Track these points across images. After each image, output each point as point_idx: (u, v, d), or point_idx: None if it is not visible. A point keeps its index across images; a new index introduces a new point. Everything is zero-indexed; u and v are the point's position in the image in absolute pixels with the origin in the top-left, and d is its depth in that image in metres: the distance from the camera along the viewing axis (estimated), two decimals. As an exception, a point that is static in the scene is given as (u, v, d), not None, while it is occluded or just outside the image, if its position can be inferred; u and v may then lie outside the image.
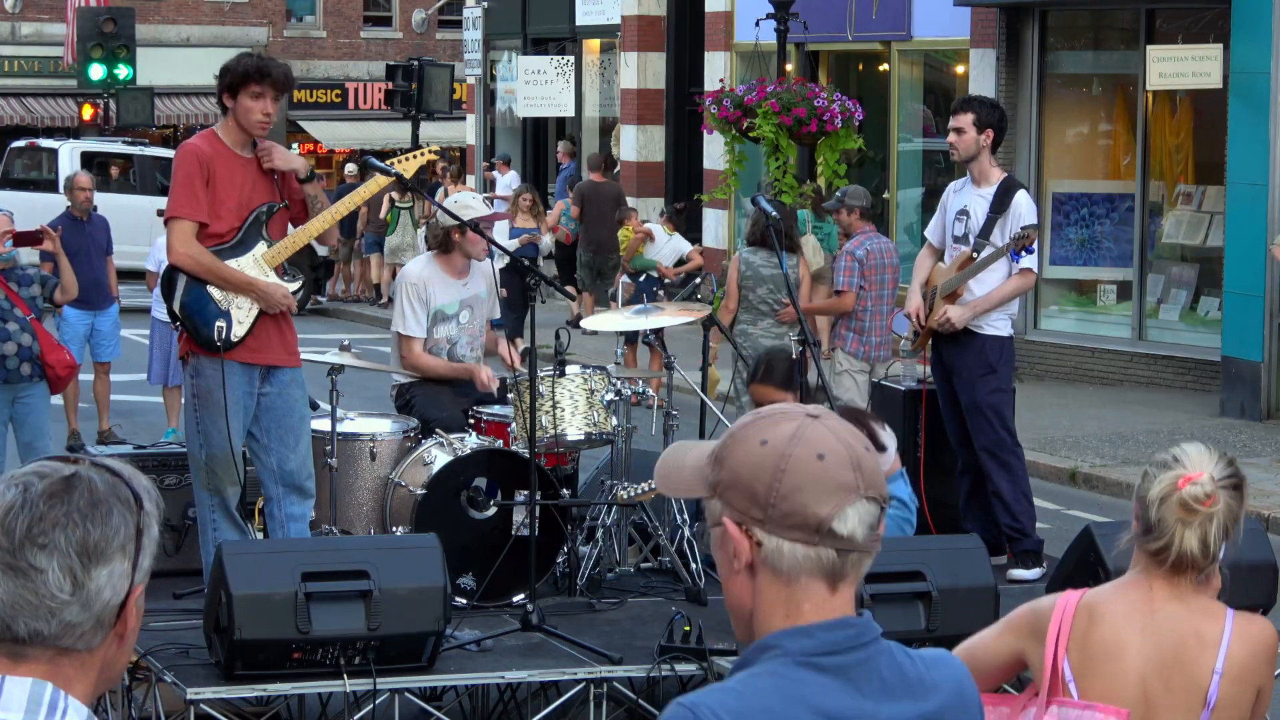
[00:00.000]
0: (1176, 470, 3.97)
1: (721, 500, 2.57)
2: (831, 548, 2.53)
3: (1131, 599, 3.99)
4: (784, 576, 2.54)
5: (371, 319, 25.60)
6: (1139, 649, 3.96)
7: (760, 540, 2.54)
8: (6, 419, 11.41)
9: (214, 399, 8.01)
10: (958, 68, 21.77)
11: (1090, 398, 18.53)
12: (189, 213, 8.01)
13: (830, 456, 2.53)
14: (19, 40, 43.44)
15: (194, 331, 8.07)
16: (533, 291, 8.55)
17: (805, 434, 2.54)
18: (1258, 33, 17.16)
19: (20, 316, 11.19)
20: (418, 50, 39.01)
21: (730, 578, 2.59)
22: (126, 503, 2.40)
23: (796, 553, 2.53)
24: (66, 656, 2.36)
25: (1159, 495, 3.95)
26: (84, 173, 16.70)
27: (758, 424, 2.59)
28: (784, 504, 2.52)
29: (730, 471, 2.56)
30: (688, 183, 25.06)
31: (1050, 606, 4.00)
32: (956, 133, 9.61)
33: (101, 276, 15.29)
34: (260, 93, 8.05)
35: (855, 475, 2.54)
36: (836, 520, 2.52)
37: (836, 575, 2.55)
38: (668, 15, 26.65)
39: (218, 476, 8.04)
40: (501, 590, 8.54)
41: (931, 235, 10.00)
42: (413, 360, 9.47)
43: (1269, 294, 17.12)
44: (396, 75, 27.64)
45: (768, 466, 2.53)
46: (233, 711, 7.43)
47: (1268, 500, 13.72)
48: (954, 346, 9.63)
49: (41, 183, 29.38)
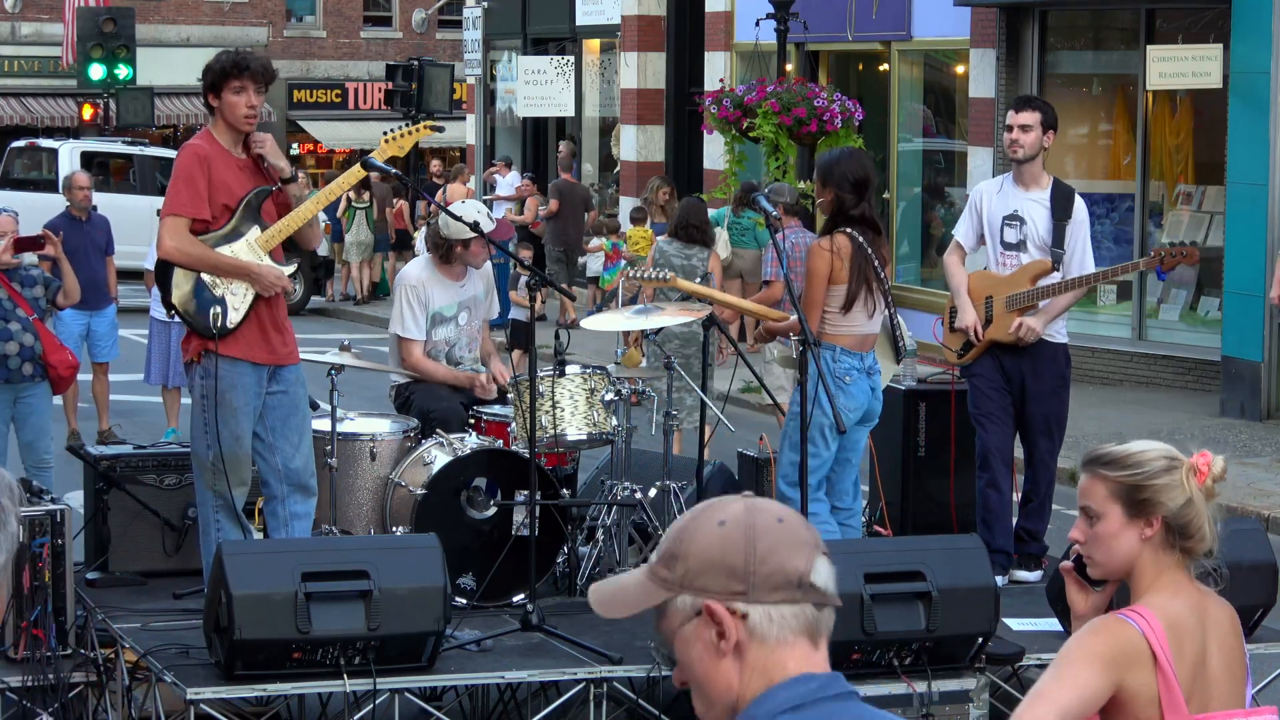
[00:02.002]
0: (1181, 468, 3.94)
1: (692, 590, 2.60)
2: (811, 602, 2.60)
3: (1189, 604, 3.95)
4: (772, 642, 2.58)
5: (371, 319, 25.61)
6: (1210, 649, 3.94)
7: (745, 613, 2.58)
8: (8, 419, 11.41)
9: (225, 399, 8.02)
10: (958, 68, 21.77)
11: (1090, 398, 18.52)
12: (185, 209, 8.05)
13: (786, 519, 2.62)
14: (19, 40, 43.44)
15: (191, 321, 8.08)
16: (534, 292, 8.55)
17: (755, 506, 2.63)
18: (1258, 33, 17.16)
19: (23, 316, 11.19)
20: (418, 50, 38.98)
21: (714, 667, 2.60)
22: None
23: (784, 614, 2.58)
24: None
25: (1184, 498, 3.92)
26: (82, 172, 16.66)
27: (704, 514, 2.64)
28: (764, 568, 2.57)
29: (696, 559, 2.60)
30: (688, 183, 25.04)
31: (1134, 631, 3.84)
32: (1023, 129, 9.28)
33: (98, 277, 15.25)
34: (241, 87, 8.07)
35: (810, 533, 2.64)
36: (813, 573, 2.60)
37: (817, 632, 2.61)
38: (668, 15, 26.65)
39: (225, 476, 8.04)
40: (501, 590, 8.55)
41: (964, 238, 9.64)
42: (413, 363, 9.48)
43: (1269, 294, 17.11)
44: (396, 75, 27.63)
45: (736, 539, 2.59)
46: (233, 711, 7.43)
47: (1268, 500, 13.72)
48: (1023, 357, 9.34)
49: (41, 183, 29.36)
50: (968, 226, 9.63)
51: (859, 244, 8.90)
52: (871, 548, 8.46)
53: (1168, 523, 3.92)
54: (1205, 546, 3.96)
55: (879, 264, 8.97)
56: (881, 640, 7.46)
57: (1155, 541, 3.93)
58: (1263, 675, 8.21)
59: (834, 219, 8.98)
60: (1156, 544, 3.93)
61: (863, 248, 8.91)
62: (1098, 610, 4.02)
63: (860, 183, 8.93)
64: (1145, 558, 3.94)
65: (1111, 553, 3.94)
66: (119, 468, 9.00)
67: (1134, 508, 3.92)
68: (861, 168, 9.02)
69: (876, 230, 9.10)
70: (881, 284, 8.98)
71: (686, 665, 2.64)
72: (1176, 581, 3.96)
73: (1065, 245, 9.31)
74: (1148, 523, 3.92)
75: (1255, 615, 7.97)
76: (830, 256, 8.87)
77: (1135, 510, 3.92)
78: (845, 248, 8.88)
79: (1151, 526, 3.92)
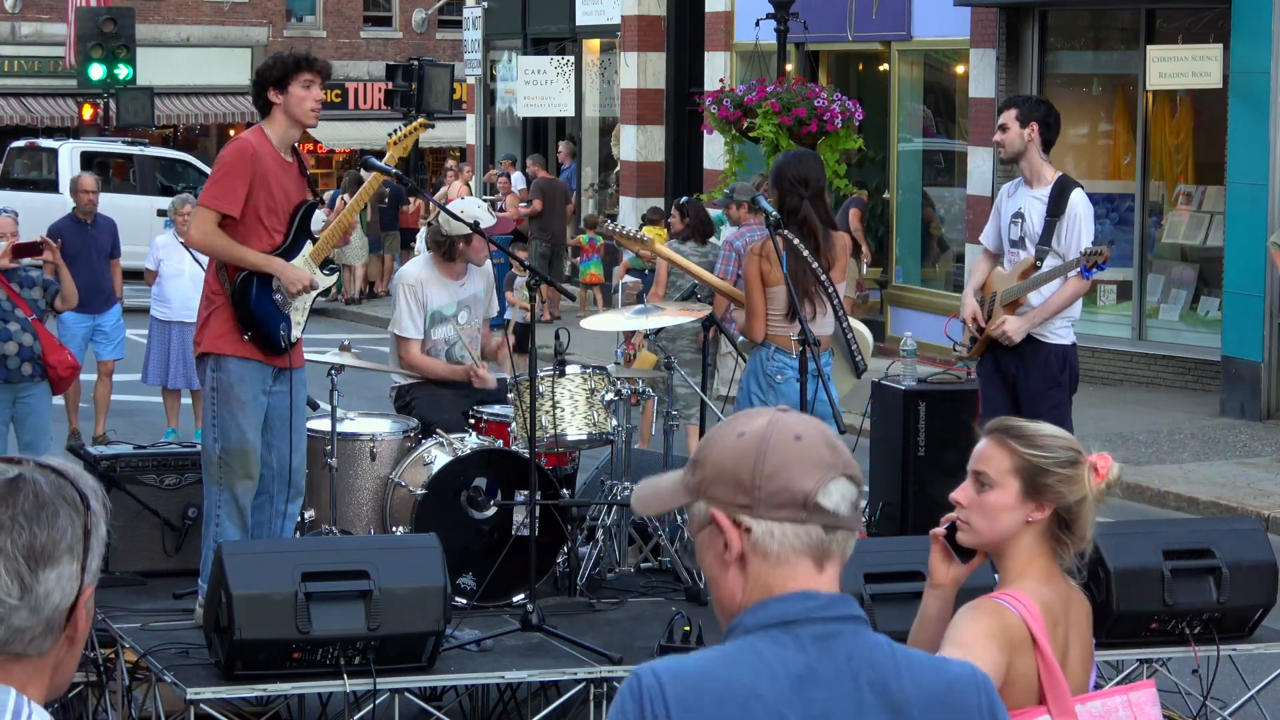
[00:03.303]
0: (1084, 464, 3.91)
1: (706, 498, 2.63)
2: (819, 524, 2.60)
3: (1058, 593, 3.92)
4: (774, 559, 2.59)
5: (371, 319, 25.62)
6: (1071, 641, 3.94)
7: (750, 527, 2.60)
8: (7, 419, 11.42)
9: (235, 393, 8.07)
10: (958, 68, 21.77)
11: (1090, 398, 18.50)
12: (216, 203, 8.07)
13: (806, 438, 2.62)
14: (19, 40, 43.44)
15: (264, 340, 8.12)
16: (534, 292, 8.55)
17: (779, 421, 2.64)
18: (1258, 33, 17.16)
19: (21, 317, 11.20)
20: (418, 50, 39.01)
21: (721, 575, 2.63)
22: (73, 503, 2.35)
23: (786, 532, 2.59)
24: (18, 662, 2.32)
25: (1080, 494, 3.89)
26: (88, 174, 16.54)
27: (731, 423, 2.68)
28: (770, 484, 2.59)
29: (712, 467, 2.63)
30: (688, 183, 25.04)
31: (1014, 616, 3.84)
32: (1001, 130, 9.44)
33: (101, 280, 15.21)
34: (310, 80, 8.14)
35: (832, 454, 2.63)
36: (822, 494, 2.59)
37: (824, 554, 2.61)
38: (668, 15, 26.65)
39: (231, 471, 8.07)
40: (501, 590, 8.54)
41: (987, 240, 9.75)
42: (411, 361, 9.48)
43: (1269, 294, 17.12)
44: (396, 75, 27.67)
45: (749, 453, 2.60)
46: (233, 711, 7.43)
47: (1268, 500, 13.71)
48: (1017, 356, 9.42)
49: (41, 183, 29.40)
50: (990, 227, 9.77)
51: (793, 246, 8.90)
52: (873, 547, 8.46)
53: (1058, 513, 3.90)
54: (1082, 545, 3.94)
55: (821, 266, 8.97)
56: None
57: (1039, 527, 3.91)
58: (1262, 675, 8.21)
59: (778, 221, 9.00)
60: (1039, 530, 3.91)
61: (797, 251, 8.91)
62: (956, 584, 4.01)
63: (799, 182, 8.96)
64: (1024, 540, 3.91)
65: (994, 525, 3.91)
66: (119, 468, 9.00)
67: (1032, 489, 3.89)
68: (801, 169, 9.04)
69: (826, 228, 9.08)
70: (824, 287, 8.98)
71: (704, 569, 2.69)
72: (1048, 570, 3.93)
73: (1053, 241, 9.38)
74: (1039, 506, 3.89)
75: (1255, 615, 7.97)
76: (758, 260, 8.95)
77: (1032, 491, 3.89)
78: (772, 252, 8.87)
79: (1041, 511, 3.89)
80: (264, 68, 8.29)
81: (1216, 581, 7.82)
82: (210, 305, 8.21)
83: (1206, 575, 7.84)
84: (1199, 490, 14.10)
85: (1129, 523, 10.50)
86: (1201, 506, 13.70)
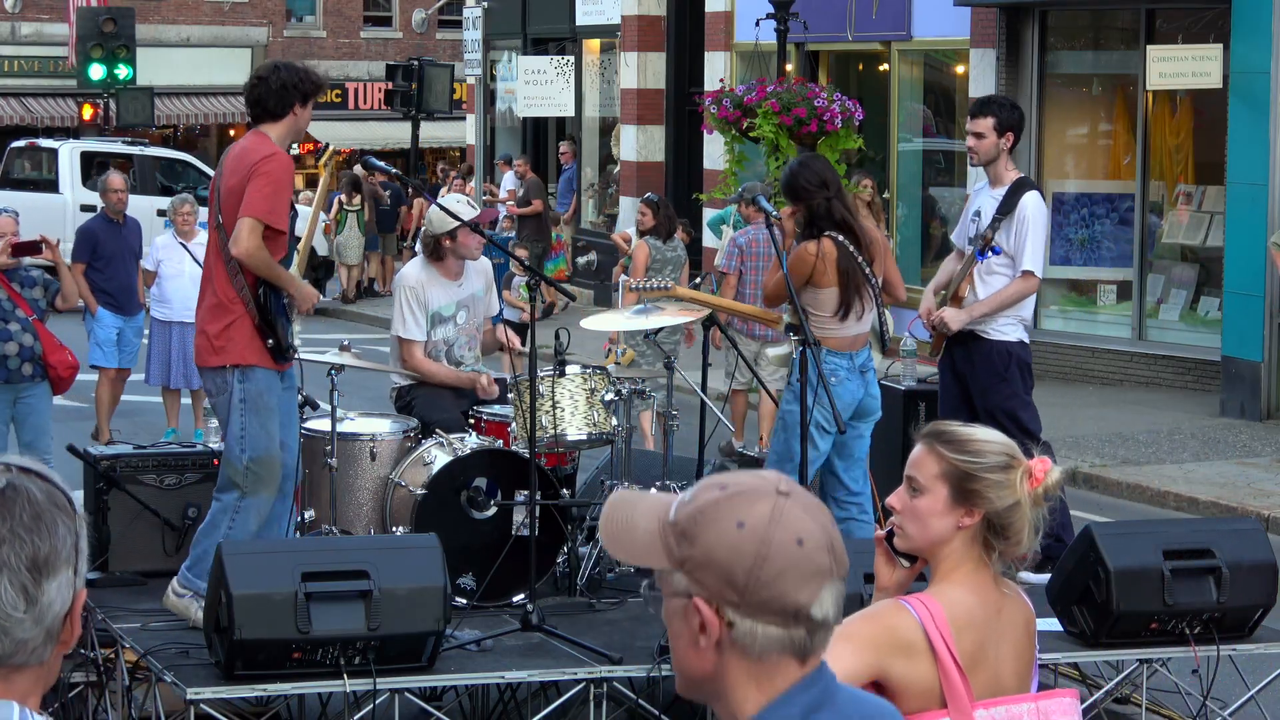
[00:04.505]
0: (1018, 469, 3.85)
1: (690, 579, 2.52)
2: (804, 629, 2.52)
3: (982, 600, 3.86)
4: (755, 655, 2.53)
5: (371, 319, 25.62)
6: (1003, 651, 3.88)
7: (732, 621, 2.51)
8: (8, 419, 11.42)
9: (264, 402, 8.08)
10: (958, 68, 21.77)
11: (1090, 398, 18.53)
12: (269, 218, 8.01)
13: (808, 541, 2.51)
14: (19, 40, 43.44)
15: (278, 346, 8.12)
16: (534, 292, 8.56)
17: (783, 517, 2.51)
18: (1258, 33, 17.16)
19: (22, 317, 11.20)
20: (418, 50, 39.00)
21: (690, 650, 2.55)
22: (65, 510, 2.35)
23: (770, 634, 2.51)
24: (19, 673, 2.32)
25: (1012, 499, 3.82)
26: (117, 174, 16.24)
27: (732, 502, 2.53)
28: (764, 591, 2.49)
29: (703, 551, 2.51)
30: (688, 183, 25.05)
31: (909, 620, 3.79)
32: (976, 137, 9.53)
33: (133, 282, 15.11)
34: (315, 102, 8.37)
35: (830, 559, 2.53)
36: (814, 606, 2.52)
37: (806, 652, 2.54)
38: (668, 15, 26.64)
39: (260, 480, 8.06)
40: (501, 590, 8.55)
41: (956, 239, 9.96)
42: (414, 364, 9.48)
43: (1269, 294, 17.13)
44: (396, 75, 27.64)
45: (746, 552, 2.49)
46: (233, 711, 7.43)
47: (1268, 500, 13.71)
48: (965, 351, 9.61)
49: (41, 183, 29.37)
50: (960, 227, 9.96)
51: (845, 249, 8.93)
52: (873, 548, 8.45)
53: (989, 519, 3.84)
54: (1020, 551, 3.87)
55: (867, 263, 9.01)
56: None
57: (969, 533, 3.85)
58: (1262, 675, 8.21)
59: (809, 227, 9.01)
60: (970, 536, 3.86)
61: (848, 251, 8.93)
62: (901, 587, 3.96)
63: (818, 186, 8.98)
64: (955, 545, 3.87)
65: (924, 530, 3.87)
66: (119, 468, 9.00)
67: (960, 495, 3.84)
68: (814, 173, 9.07)
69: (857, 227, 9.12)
70: (870, 284, 9.04)
71: (668, 630, 2.60)
72: (977, 576, 3.87)
73: (997, 238, 9.50)
74: (968, 512, 3.84)
75: (1255, 615, 7.97)
76: (814, 260, 8.92)
77: (961, 497, 3.84)
78: (830, 253, 8.91)
79: (971, 517, 3.84)
80: (295, 79, 8.20)
81: (1216, 581, 7.82)
82: (229, 315, 8.09)
83: (1206, 575, 7.84)
84: (1199, 490, 14.10)
85: (1129, 523, 10.51)
86: (1201, 506, 13.70)
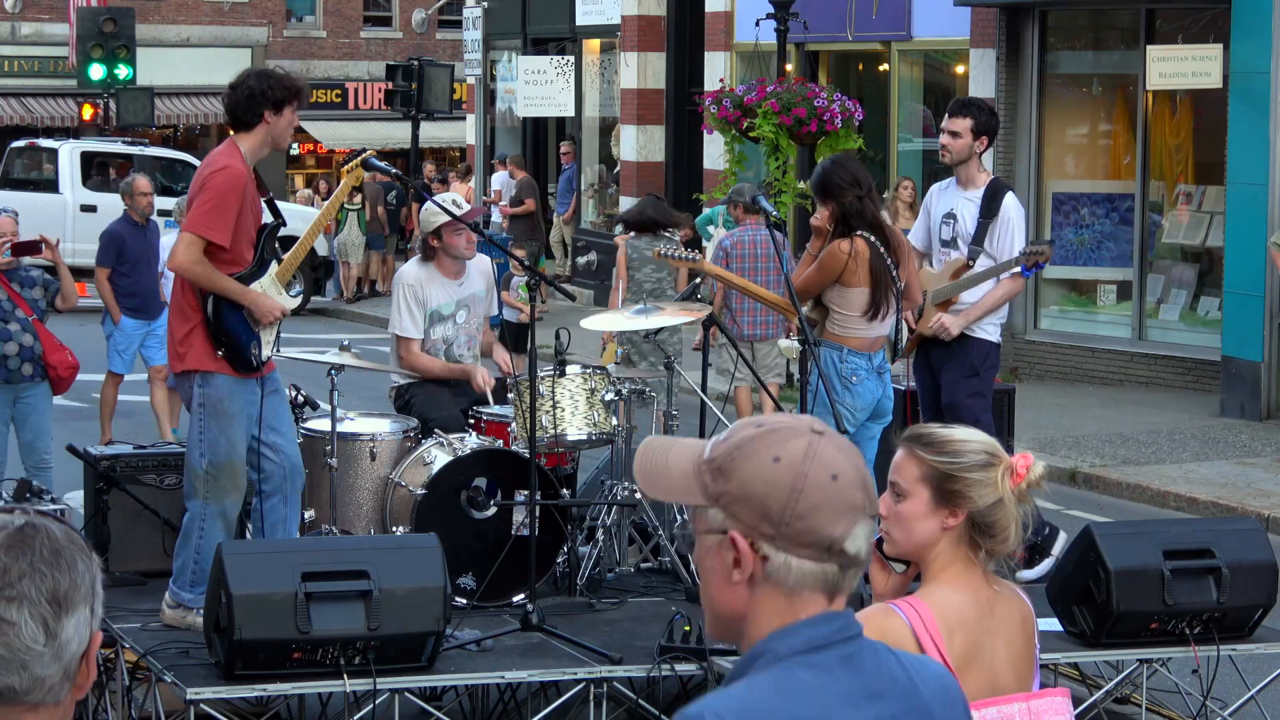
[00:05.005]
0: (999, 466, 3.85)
1: (726, 513, 2.57)
2: (836, 564, 2.57)
3: (973, 599, 3.86)
4: (786, 590, 2.56)
5: (371, 319, 25.61)
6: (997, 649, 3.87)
7: (767, 555, 2.55)
8: (8, 419, 11.41)
9: (223, 408, 8.05)
10: (958, 68, 21.77)
11: (1090, 398, 18.53)
12: (211, 234, 7.97)
13: (842, 477, 2.57)
14: (19, 40, 43.43)
15: (236, 355, 8.08)
16: (533, 292, 8.55)
17: (818, 453, 2.56)
18: (1258, 33, 17.16)
19: (22, 317, 11.20)
20: (418, 50, 38.97)
21: (723, 586, 2.59)
22: (83, 550, 2.35)
23: (804, 568, 2.55)
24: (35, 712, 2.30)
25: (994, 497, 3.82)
26: (143, 177, 15.98)
27: (767, 438, 2.58)
28: (799, 523, 2.54)
29: (739, 485, 2.56)
30: (688, 183, 25.05)
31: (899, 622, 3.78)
32: (952, 135, 9.59)
33: (157, 285, 14.99)
34: (296, 107, 8.20)
35: (864, 496, 2.59)
36: (848, 540, 2.56)
37: (836, 588, 2.59)
38: (668, 15, 26.64)
39: (219, 486, 8.04)
40: (501, 590, 8.55)
41: (915, 239, 9.90)
42: (410, 361, 9.49)
43: (1269, 294, 17.13)
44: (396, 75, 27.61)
45: (783, 485, 2.54)
46: (233, 711, 7.43)
47: (1268, 500, 13.71)
48: (941, 348, 9.65)
49: (41, 183, 29.36)
50: (919, 227, 9.98)
51: (877, 249, 8.93)
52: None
53: (972, 518, 3.84)
54: (1007, 548, 3.88)
55: (894, 265, 9.02)
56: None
57: (955, 533, 3.85)
58: (1262, 675, 8.21)
59: (841, 226, 9.00)
60: (955, 536, 3.86)
61: (880, 253, 8.94)
62: (896, 592, 3.95)
63: (851, 185, 8.97)
64: (942, 547, 3.87)
65: (910, 534, 3.87)
66: (119, 468, 9.00)
67: (942, 496, 3.84)
68: (847, 172, 9.06)
69: (886, 227, 9.15)
70: (895, 286, 9.03)
71: (700, 569, 2.63)
72: (966, 575, 3.87)
73: (985, 242, 9.53)
74: (951, 513, 3.84)
75: (1255, 615, 7.97)
76: (847, 259, 8.90)
77: (943, 498, 3.84)
78: (864, 252, 8.92)
79: (955, 518, 3.84)
80: (264, 86, 8.09)
81: (1216, 581, 7.82)
82: (189, 322, 8.11)
83: (1206, 575, 7.84)
84: (1199, 490, 14.10)
85: (1129, 523, 10.51)
86: (1201, 506, 13.71)
